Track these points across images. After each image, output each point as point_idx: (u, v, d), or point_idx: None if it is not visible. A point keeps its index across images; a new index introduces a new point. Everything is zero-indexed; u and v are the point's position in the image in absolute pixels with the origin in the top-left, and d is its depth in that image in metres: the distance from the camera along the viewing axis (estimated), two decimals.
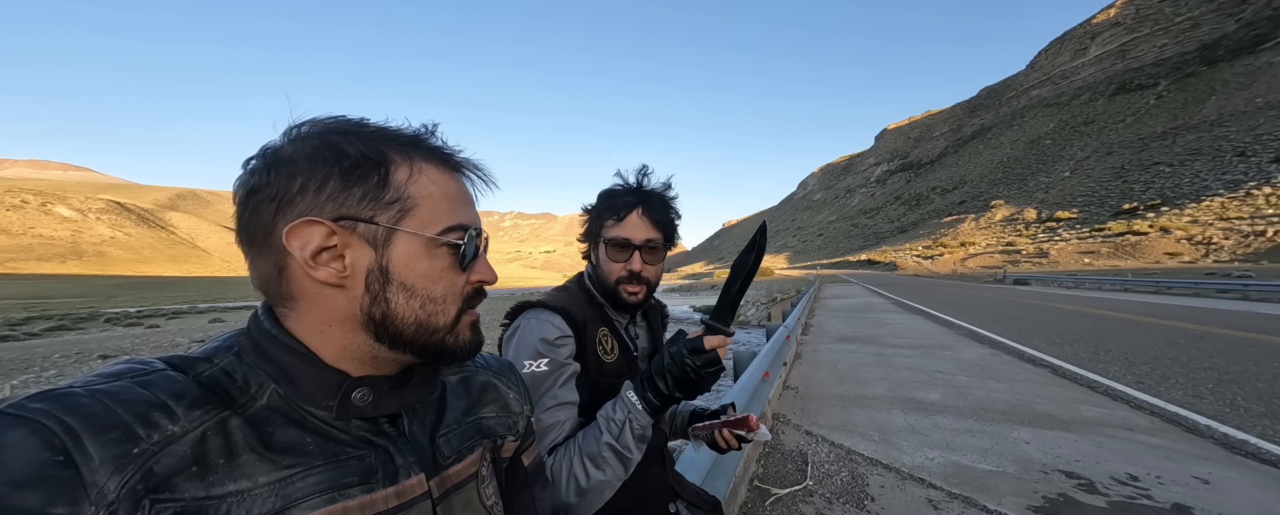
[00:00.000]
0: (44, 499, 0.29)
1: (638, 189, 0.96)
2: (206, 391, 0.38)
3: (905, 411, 3.82)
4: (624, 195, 0.95)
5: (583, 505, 0.77)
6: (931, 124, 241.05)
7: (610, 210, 0.94)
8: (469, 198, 0.49)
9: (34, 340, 14.74)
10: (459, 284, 0.47)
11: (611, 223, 0.93)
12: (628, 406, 0.78)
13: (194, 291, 79.19)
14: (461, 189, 0.48)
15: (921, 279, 34.18)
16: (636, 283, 0.94)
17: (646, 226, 0.93)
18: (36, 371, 8.78)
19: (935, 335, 7.69)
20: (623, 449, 0.76)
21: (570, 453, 0.78)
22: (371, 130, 0.44)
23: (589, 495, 0.76)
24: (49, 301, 51.29)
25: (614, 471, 0.76)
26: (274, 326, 0.43)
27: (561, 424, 0.83)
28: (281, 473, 0.38)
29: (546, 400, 0.83)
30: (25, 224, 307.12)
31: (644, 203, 0.94)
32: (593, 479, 0.75)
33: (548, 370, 0.83)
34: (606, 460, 0.76)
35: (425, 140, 0.47)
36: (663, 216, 0.95)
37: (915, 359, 5.83)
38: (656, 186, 0.97)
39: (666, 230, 0.96)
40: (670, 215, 0.96)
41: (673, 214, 0.97)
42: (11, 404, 0.31)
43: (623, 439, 0.76)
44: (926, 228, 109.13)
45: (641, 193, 0.95)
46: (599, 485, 0.76)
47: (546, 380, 0.83)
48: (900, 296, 16.41)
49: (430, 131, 0.48)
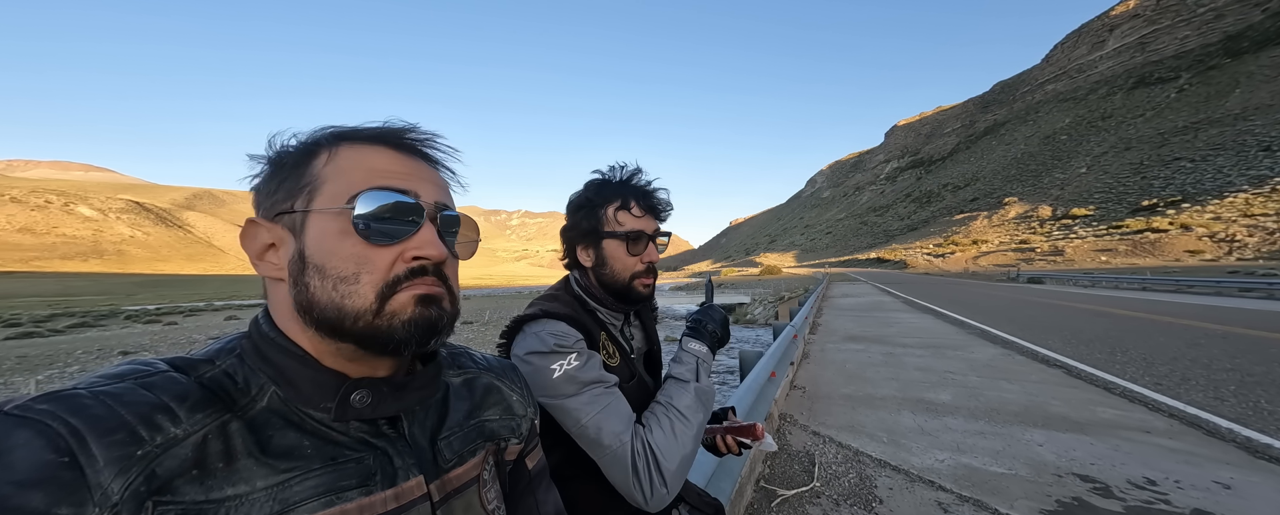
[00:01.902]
0: (49, 500, 0.29)
1: (631, 180, 0.94)
2: (208, 393, 0.38)
3: (915, 412, 3.77)
4: (624, 186, 0.92)
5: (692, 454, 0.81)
6: (943, 120, 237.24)
7: (612, 203, 0.91)
8: (407, 170, 0.44)
9: (58, 337, 15.18)
10: (379, 260, 0.41)
11: (622, 214, 0.90)
12: (694, 353, 0.88)
13: (210, 289, 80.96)
14: (393, 162, 0.44)
15: (932, 277, 33.71)
16: (650, 275, 0.94)
17: (653, 216, 0.93)
18: (61, 367, 9.04)
19: (946, 335, 7.58)
20: (704, 390, 0.84)
21: (663, 413, 0.82)
22: (316, 131, 0.44)
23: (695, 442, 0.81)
24: (72, 299, 52.78)
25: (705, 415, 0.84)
26: (272, 329, 0.43)
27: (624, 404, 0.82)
28: (279, 477, 0.38)
29: (595, 387, 0.80)
30: (49, 223, 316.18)
31: (648, 193, 0.93)
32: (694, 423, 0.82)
33: (581, 362, 0.80)
34: (692, 408, 0.82)
35: (362, 128, 0.45)
36: (665, 205, 0.95)
37: (925, 359, 5.76)
38: (640, 176, 0.95)
39: (664, 219, 0.96)
40: (667, 203, 0.96)
41: (668, 202, 0.97)
42: (17, 405, 0.32)
43: (704, 381, 0.85)
44: (937, 225, 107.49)
45: (639, 184, 0.94)
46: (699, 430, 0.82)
47: (586, 371, 0.80)
48: (910, 295, 16.22)
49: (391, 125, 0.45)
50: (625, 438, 0.77)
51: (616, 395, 0.82)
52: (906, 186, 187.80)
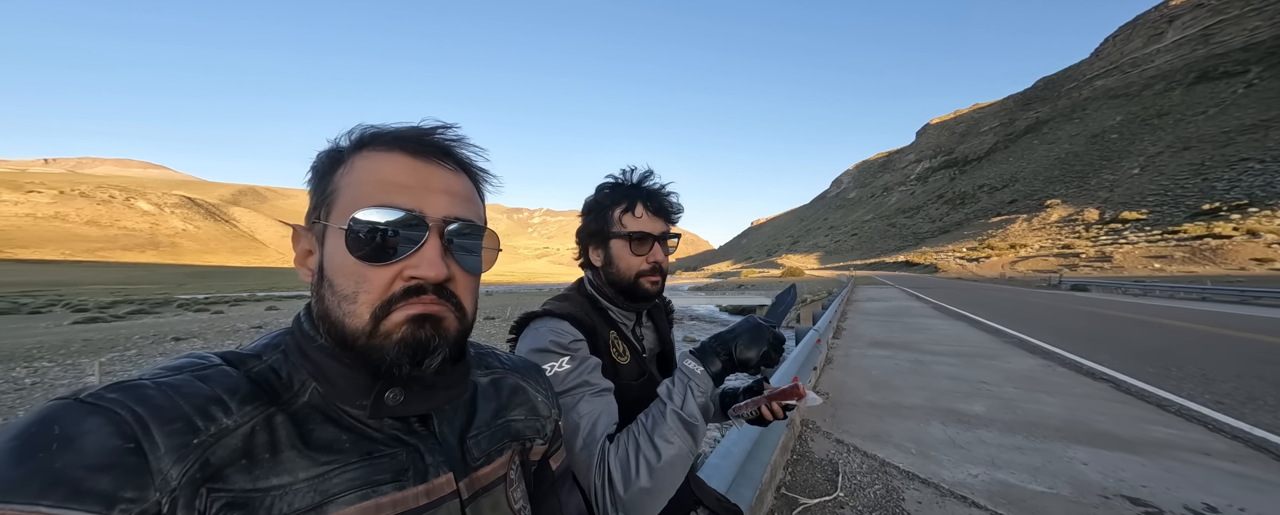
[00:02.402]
0: (116, 483, 0.31)
1: (641, 183, 0.97)
2: (256, 387, 0.40)
3: (945, 423, 3.61)
4: (633, 189, 0.95)
5: (656, 488, 0.73)
6: (979, 118, 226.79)
7: (619, 204, 0.94)
8: (416, 180, 0.43)
9: (119, 322, 16.35)
10: (375, 280, 0.41)
11: (626, 217, 0.93)
12: (687, 374, 0.78)
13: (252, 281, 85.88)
14: (405, 172, 0.42)
15: (965, 282, 32.19)
16: (657, 274, 0.95)
17: (661, 218, 0.95)
18: (120, 351, 9.72)
19: (979, 343, 7.24)
20: (688, 416, 0.75)
21: (634, 434, 0.76)
22: (350, 132, 0.45)
23: (661, 474, 0.73)
24: (131, 287, 56.89)
25: (683, 443, 0.74)
26: (311, 327, 0.44)
27: (609, 410, 0.81)
28: (319, 469, 0.39)
29: (581, 391, 0.81)
30: (112, 217, 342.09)
31: (655, 195, 0.96)
32: (664, 455, 0.73)
33: (572, 366, 0.82)
34: (673, 431, 0.74)
35: (386, 130, 0.44)
36: (673, 207, 0.98)
37: (957, 368, 5.51)
38: (652, 178, 0.98)
39: (674, 221, 0.99)
40: (677, 205, 0.99)
41: (678, 204, 1.00)
42: (90, 393, 0.34)
43: (686, 407, 0.75)
44: (971, 228, 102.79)
45: (648, 187, 0.97)
46: (671, 461, 0.73)
47: (573, 375, 0.81)
48: (940, 300, 15.58)
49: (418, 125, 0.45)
50: (594, 449, 0.77)
51: (604, 401, 0.82)
52: (938, 187, 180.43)
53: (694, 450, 0.75)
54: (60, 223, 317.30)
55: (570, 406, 0.79)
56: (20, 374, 7.66)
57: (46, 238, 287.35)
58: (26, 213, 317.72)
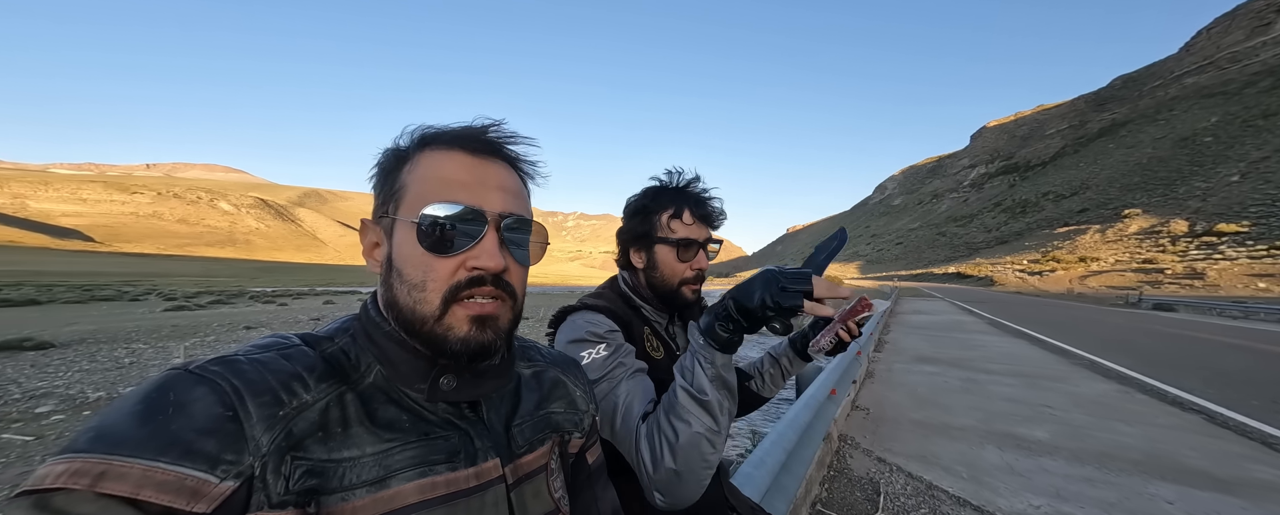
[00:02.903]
0: (219, 447, 0.35)
1: (687, 188, 0.97)
2: (330, 367, 0.44)
3: (1002, 448, 3.34)
4: (679, 194, 0.95)
5: (684, 469, 0.71)
6: (1044, 120, 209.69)
7: (666, 209, 0.93)
8: (475, 179, 0.46)
9: (201, 311, 18.20)
10: (441, 269, 0.45)
11: (672, 222, 0.93)
12: (694, 348, 0.73)
13: (313, 276, 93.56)
14: (465, 171, 0.46)
15: (1025, 297, 29.59)
16: (699, 281, 0.95)
17: (706, 224, 0.95)
18: (200, 337, 10.80)
19: (1042, 363, 6.65)
20: (697, 392, 0.70)
21: (657, 415, 0.75)
22: (412, 132, 0.48)
23: (684, 454, 0.70)
24: (211, 279, 63.43)
25: (701, 421, 0.71)
26: (377, 314, 0.48)
27: (644, 391, 0.81)
28: (383, 445, 0.42)
29: (618, 372, 0.82)
30: (199, 216, 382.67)
31: (702, 201, 0.95)
32: (681, 435, 0.70)
33: (608, 352, 0.83)
34: (687, 410, 0.71)
35: (446, 130, 0.48)
36: (718, 214, 0.97)
37: (1015, 389, 5.08)
38: (697, 183, 0.97)
39: (717, 227, 0.97)
40: (720, 211, 0.98)
41: (722, 210, 0.99)
42: (197, 365, 0.38)
43: (696, 382, 0.70)
44: (1034, 239, 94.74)
45: (695, 192, 0.96)
46: (690, 441, 0.70)
47: (609, 360, 0.82)
48: (997, 316, 14.44)
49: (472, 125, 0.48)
50: (632, 424, 0.77)
51: (639, 381, 0.82)
52: (996, 194, 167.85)
53: (714, 429, 0.71)
54: (157, 220, 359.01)
55: (608, 390, 0.80)
56: (120, 354, 8.68)
57: (145, 233, 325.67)
58: (131, 211, 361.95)
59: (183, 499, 0.33)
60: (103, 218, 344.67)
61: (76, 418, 5.28)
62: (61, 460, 0.33)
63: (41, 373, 7.12)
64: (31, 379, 6.72)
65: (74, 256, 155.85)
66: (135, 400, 0.35)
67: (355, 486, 0.40)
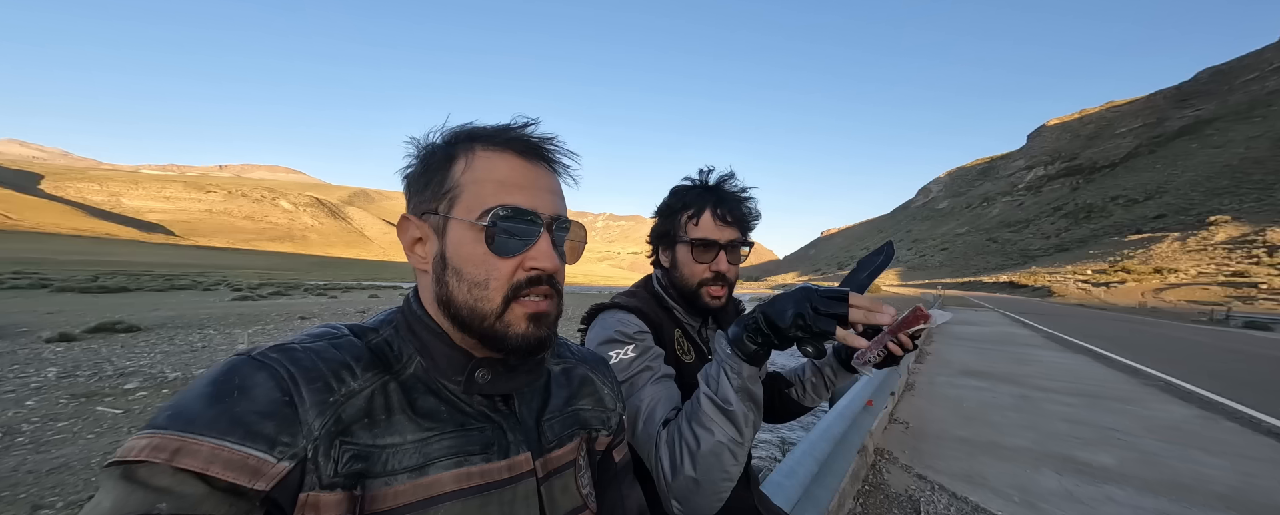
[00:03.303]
0: (277, 429, 0.38)
1: (716, 186, 0.93)
2: (375, 357, 0.46)
3: (1060, 472, 3.07)
4: (702, 193, 0.93)
5: (704, 479, 0.69)
6: (1115, 118, 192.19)
7: (688, 209, 0.91)
8: (528, 182, 0.48)
9: (262, 301, 19.75)
10: (503, 269, 0.47)
11: (691, 222, 0.91)
12: (720, 356, 0.70)
13: (359, 271, 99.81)
14: (518, 173, 0.48)
15: (1090, 311, 27.12)
16: (720, 284, 0.92)
17: (729, 225, 0.91)
18: (262, 325, 11.72)
19: (1108, 382, 6.08)
20: (722, 402, 0.68)
21: (679, 421, 0.74)
22: (455, 131, 0.50)
23: (704, 463, 0.69)
24: (272, 272, 68.93)
25: (723, 431, 0.68)
26: (418, 308, 0.50)
27: (669, 396, 0.80)
28: (423, 434, 0.44)
29: (644, 376, 0.81)
30: (262, 214, 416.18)
31: (724, 200, 0.92)
32: (703, 443, 0.68)
33: (636, 354, 0.83)
34: (711, 419, 0.69)
35: (494, 131, 0.49)
36: (744, 214, 0.93)
37: (1076, 409, 4.68)
38: (731, 182, 0.94)
39: (747, 228, 0.93)
40: (751, 212, 0.94)
41: (753, 211, 0.94)
42: (258, 352, 0.41)
43: (721, 391, 0.68)
44: (1100, 247, 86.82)
45: (719, 190, 0.93)
46: (712, 450, 0.68)
47: (637, 362, 0.82)
48: (1055, 329, 13.34)
49: (513, 125, 0.49)
50: (654, 429, 0.76)
51: (665, 386, 0.81)
52: (1056, 198, 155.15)
53: (738, 439, 0.69)
54: (227, 217, 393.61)
55: (632, 392, 0.80)
56: (194, 338, 9.58)
57: (217, 229, 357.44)
58: (205, 209, 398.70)
59: (245, 476, 0.35)
60: (182, 214, 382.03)
61: (157, 395, 5.85)
62: (144, 435, 0.36)
63: (129, 353, 7.94)
64: (121, 358, 7.50)
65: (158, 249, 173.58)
66: (206, 383, 0.38)
67: (397, 472, 0.42)
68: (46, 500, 3.21)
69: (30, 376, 5.99)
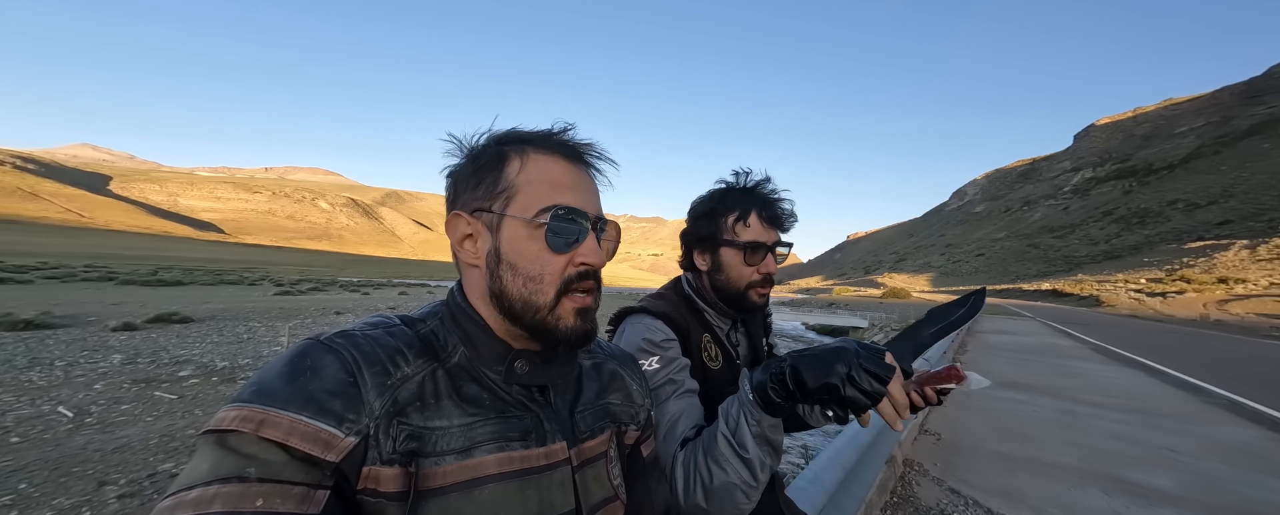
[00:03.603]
0: (344, 407, 0.41)
1: (757, 189, 0.94)
2: (424, 345, 0.50)
3: (1108, 493, 2.88)
4: (745, 195, 0.93)
5: (713, 509, 0.70)
6: (1174, 117, 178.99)
7: (732, 212, 0.91)
8: (576, 183, 0.52)
9: (301, 296, 20.82)
10: (556, 264, 0.50)
11: (739, 224, 0.91)
12: (742, 401, 0.68)
13: (390, 270, 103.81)
14: (567, 175, 0.52)
15: (1143, 322, 25.25)
16: (768, 285, 0.93)
17: (775, 227, 0.92)
18: (301, 319, 12.35)
19: (1165, 399, 5.65)
20: (738, 446, 0.66)
21: (696, 449, 0.73)
22: (504, 134, 0.54)
23: (715, 497, 0.69)
24: (310, 269, 72.60)
25: (737, 473, 0.67)
26: (463, 300, 0.54)
27: (691, 412, 0.81)
28: (468, 419, 0.48)
29: (666, 389, 0.82)
30: (302, 214, 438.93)
31: (769, 203, 0.92)
32: (715, 479, 0.68)
33: (660, 366, 0.83)
34: (726, 459, 0.67)
35: (542, 135, 0.53)
36: (789, 216, 0.94)
37: (1128, 426, 4.37)
38: (770, 185, 0.94)
39: (790, 229, 0.95)
40: (793, 214, 0.95)
41: (794, 212, 0.95)
42: (326, 337, 0.45)
43: (738, 435, 0.67)
44: (1156, 254, 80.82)
45: (764, 193, 0.94)
46: (724, 488, 0.68)
47: (660, 374, 0.82)
48: (1104, 341, 12.51)
49: (556, 129, 0.54)
50: (671, 447, 0.76)
51: (687, 402, 0.81)
52: (1106, 201, 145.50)
53: (751, 483, 0.67)
54: (271, 217, 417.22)
55: (655, 405, 0.80)
56: (240, 330, 10.19)
57: (262, 227, 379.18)
58: (251, 208, 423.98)
59: (318, 448, 0.39)
60: (232, 213, 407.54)
61: (207, 382, 6.23)
62: (233, 407, 0.40)
63: (183, 342, 8.51)
64: (176, 347, 8.04)
65: (210, 246, 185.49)
66: (283, 363, 0.43)
67: (445, 453, 0.45)
68: (111, 477, 3.47)
69: (98, 362, 6.51)
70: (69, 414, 4.60)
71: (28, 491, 3.10)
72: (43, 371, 6.05)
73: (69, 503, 3.02)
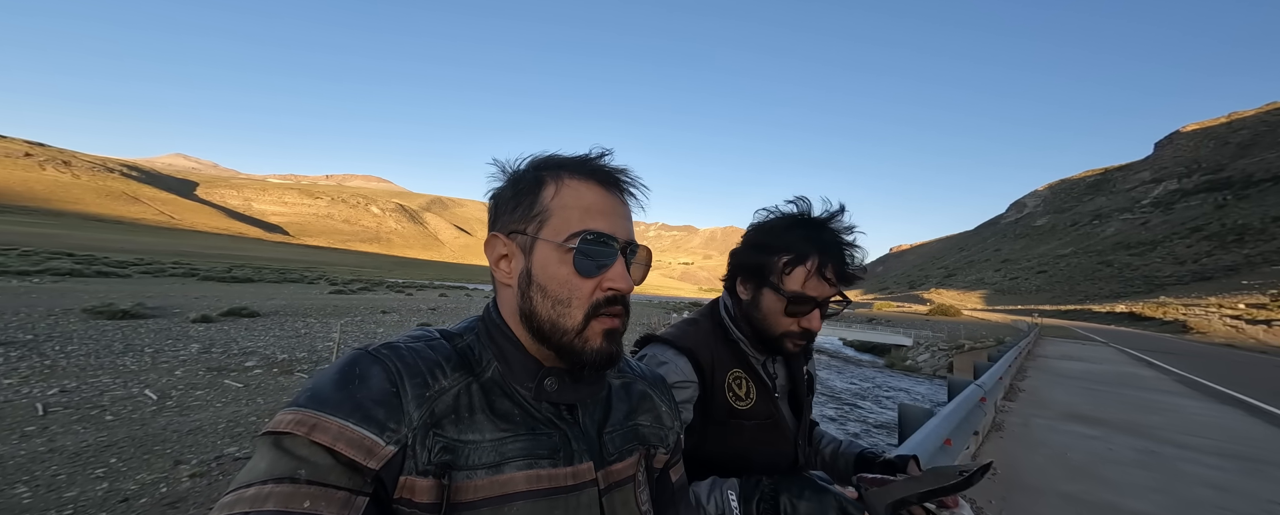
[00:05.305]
0: (387, 415, 0.43)
1: (820, 234, 0.81)
2: (460, 359, 0.51)
3: None
4: (811, 238, 0.80)
5: None
6: (1276, 123, 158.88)
7: (787, 254, 0.80)
8: (608, 209, 0.53)
9: (352, 296, 22.30)
10: (584, 288, 0.51)
11: (787, 271, 0.80)
12: (724, 505, 0.67)
13: (432, 272, 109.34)
14: (600, 201, 0.53)
15: (1242, 353, 22.21)
16: (807, 338, 0.83)
17: (831, 281, 0.80)
18: (352, 316, 13.20)
19: (1269, 443, 4.92)
20: None
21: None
22: (543, 159, 0.55)
23: None
24: (361, 270, 77.72)
25: None
26: (498, 317, 0.55)
27: None
28: (500, 434, 0.48)
29: None
30: (356, 218, 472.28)
31: (831, 253, 0.80)
32: None
33: None
34: None
35: (578, 161, 0.55)
36: (853, 271, 0.81)
37: (1226, 474, 3.84)
38: (838, 222, 0.82)
39: (853, 284, 0.82)
40: (858, 267, 0.81)
41: (860, 266, 0.82)
42: (373, 348, 0.47)
43: None
44: (1257, 276, 71.18)
45: (825, 236, 0.81)
46: None
47: None
48: (1193, 372, 11.11)
49: (592, 155, 0.55)
50: None
51: None
52: (1193, 216, 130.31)
53: None
54: (329, 220, 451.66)
55: None
56: (299, 326, 11.01)
57: (321, 231, 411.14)
58: (313, 213, 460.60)
59: (361, 455, 0.41)
60: (297, 217, 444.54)
61: (268, 373, 6.75)
62: (290, 411, 0.42)
63: (250, 335, 9.28)
64: (244, 339, 8.79)
65: (277, 247, 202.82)
66: (334, 371, 0.45)
67: (477, 467, 0.46)
68: (185, 456, 3.81)
69: (180, 350, 7.23)
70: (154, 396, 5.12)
71: (117, 466, 3.46)
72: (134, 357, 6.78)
73: (150, 478, 3.34)
